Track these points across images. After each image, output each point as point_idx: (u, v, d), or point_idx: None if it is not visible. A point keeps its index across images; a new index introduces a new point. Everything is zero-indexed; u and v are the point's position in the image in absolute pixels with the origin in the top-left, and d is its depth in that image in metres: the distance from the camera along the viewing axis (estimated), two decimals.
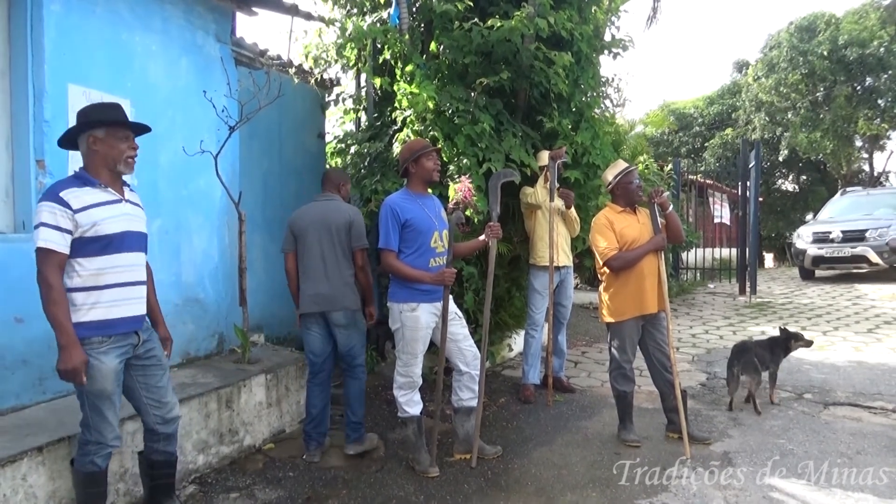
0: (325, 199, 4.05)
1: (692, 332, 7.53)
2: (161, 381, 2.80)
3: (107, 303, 2.55)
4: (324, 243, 3.83)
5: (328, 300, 3.79)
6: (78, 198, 2.49)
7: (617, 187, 4.11)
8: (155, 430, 2.81)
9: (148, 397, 2.76)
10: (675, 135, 28.14)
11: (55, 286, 2.43)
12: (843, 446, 3.90)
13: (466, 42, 4.96)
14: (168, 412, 2.82)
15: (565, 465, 3.71)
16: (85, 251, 2.51)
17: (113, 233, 2.56)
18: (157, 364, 2.79)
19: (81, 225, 2.47)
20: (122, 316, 2.60)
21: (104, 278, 2.55)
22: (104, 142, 2.60)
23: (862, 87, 23.41)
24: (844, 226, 11.20)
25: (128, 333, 2.64)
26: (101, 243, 2.53)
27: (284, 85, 5.76)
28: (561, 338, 5.22)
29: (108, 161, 2.61)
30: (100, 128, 2.60)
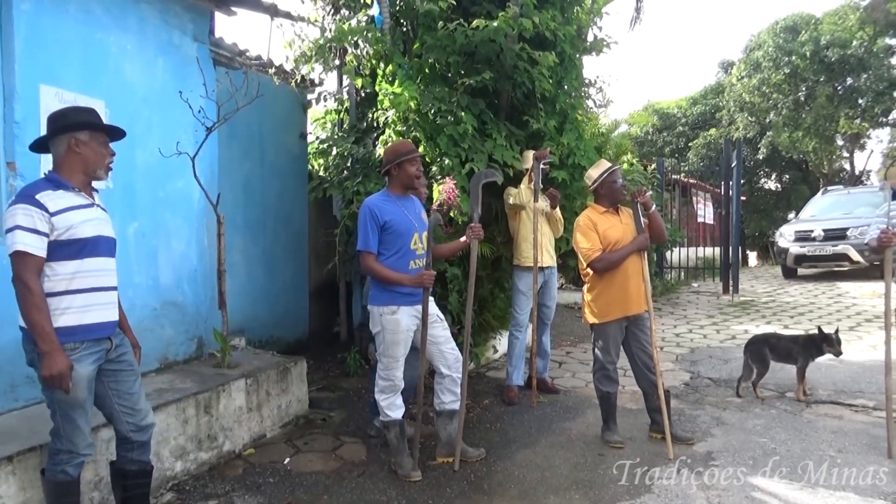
0: None
1: (676, 332, 7.55)
2: (133, 388, 2.73)
3: (79, 308, 2.49)
4: None
5: None
6: (53, 201, 2.44)
7: (601, 187, 4.09)
8: (128, 437, 2.73)
9: (120, 404, 2.69)
10: (658, 135, 28.32)
11: (35, 291, 2.37)
12: (825, 445, 3.91)
13: (450, 42, 4.93)
14: (142, 419, 2.75)
15: (549, 466, 3.69)
16: (59, 255, 2.45)
17: (87, 237, 2.51)
18: (130, 370, 2.72)
19: (57, 228, 2.42)
20: (96, 321, 2.54)
21: (77, 282, 2.49)
22: (87, 145, 2.56)
23: (843, 87, 23.68)
24: (826, 224, 11.30)
25: (101, 339, 2.58)
26: (75, 247, 2.48)
27: (265, 85, 5.71)
28: (545, 339, 5.20)
29: (87, 165, 2.58)
30: (83, 131, 2.56)
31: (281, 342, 6.11)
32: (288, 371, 4.39)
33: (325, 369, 5.75)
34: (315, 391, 5.03)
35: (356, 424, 4.39)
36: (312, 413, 4.56)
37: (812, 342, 4.89)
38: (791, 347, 4.90)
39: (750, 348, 5.01)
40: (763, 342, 5.00)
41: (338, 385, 5.27)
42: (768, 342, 4.99)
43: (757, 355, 4.94)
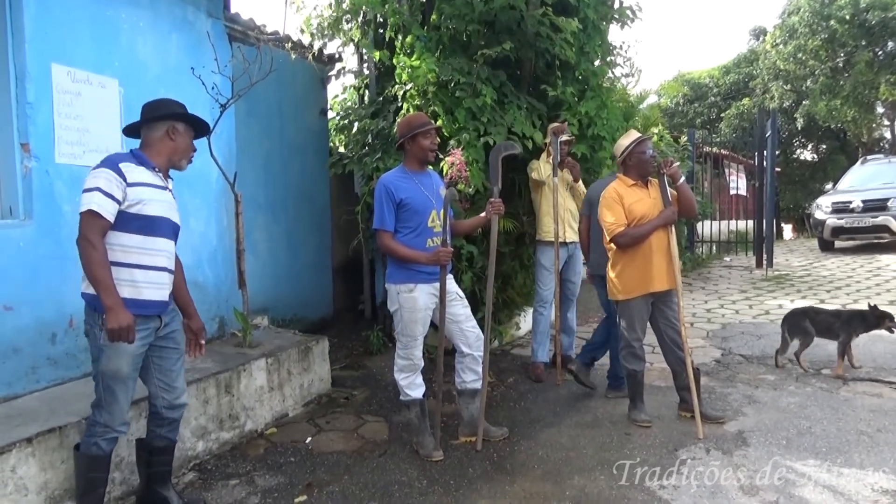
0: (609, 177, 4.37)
1: (707, 307, 7.36)
2: (175, 366, 2.80)
3: (140, 283, 2.56)
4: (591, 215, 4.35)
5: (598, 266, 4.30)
6: (132, 172, 2.54)
7: (629, 157, 3.91)
8: (161, 413, 2.79)
9: (160, 379, 2.76)
10: (690, 105, 27.62)
11: (99, 248, 2.43)
12: (862, 424, 3.76)
13: (469, 10, 4.79)
14: (176, 398, 2.81)
15: (574, 446, 3.60)
16: (126, 227, 2.53)
17: (153, 215, 2.60)
18: (175, 347, 2.80)
19: (129, 199, 2.51)
20: (151, 298, 2.61)
21: (137, 257, 2.56)
22: (182, 135, 2.73)
23: (884, 52, 22.72)
24: (865, 195, 10.89)
25: (152, 316, 2.64)
26: (141, 223, 2.56)
27: (283, 62, 5.66)
28: (570, 315, 5.08)
29: (176, 153, 2.73)
30: (182, 122, 2.73)
31: (305, 321, 6.10)
32: (310, 350, 4.36)
33: (349, 347, 5.72)
34: (338, 369, 5.02)
35: (379, 403, 4.36)
36: (335, 392, 4.54)
37: (860, 318, 4.73)
38: (832, 322, 4.78)
39: (788, 321, 4.95)
40: (802, 315, 4.92)
41: (361, 363, 5.24)
42: (808, 315, 4.90)
43: (797, 328, 4.87)
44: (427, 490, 3.13)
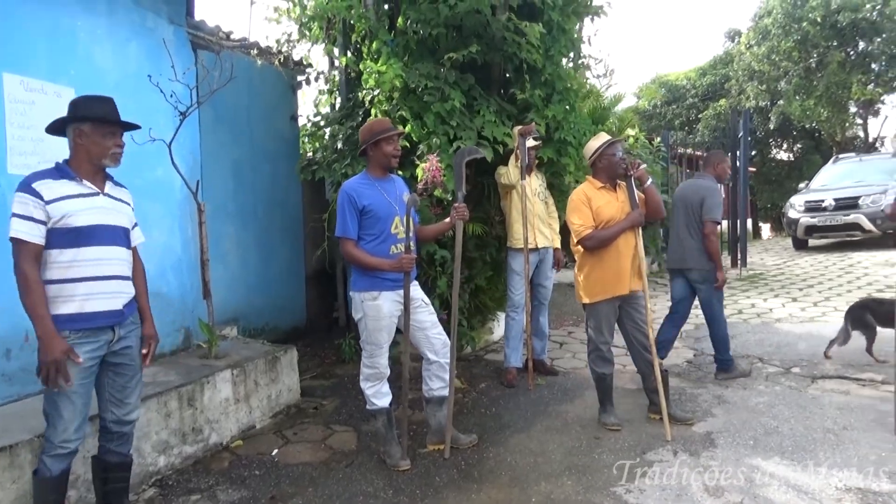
0: (696, 177, 4.97)
1: None
2: (130, 382, 2.73)
3: (80, 296, 2.50)
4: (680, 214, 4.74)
5: (680, 261, 4.73)
6: (50, 189, 2.48)
7: (600, 159, 3.90)
8: (109, 428, 2.72)
9: (112, 394, 2.69)
10: (668, 107, 27.84)
11: (30, 276, 2.40)
12: (829, 422, 3.78)
13: (434, 15, 4.76)
14: (126, 413, 2.74)
15: (542, 452, 3.58)
16: (57, 242, 2.48)
17: (86, 225, 2.53)
18: (130, 364, 2.72)
19: (53, 216, 2.46)
20: (98, 310, 2.54)
21: (75, 271, 2.50)
22: (89, 137, 2.60)
23: (855, 52, 23.09)
24: (837, 193, 11.03)
25: (102, 329, 2.57)
26: (72, 235, 2.50)
27: (252, 68, 5.61)
28: (542, 319, 5.07)
29: (91, 155, 2.62)
30: (86, 122, 2.60)
31: (277, 330, 6.04)
32: (278, 360, 4.30)
33: (321, 356, 5.67)
34: (309, 379, 4.97)
35: (348, 412, 4.31)
36: (304, 402, 4.48)
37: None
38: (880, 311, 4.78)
39: (851, 315, 4.99)
40: (863, 308, 4.95)
41: (332, 372, 5.19)
42: (868, 307, 4.92)
43: (859, 321, 4.89)
44: (392, 500, 3.09)
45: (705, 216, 4.57)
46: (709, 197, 4.60)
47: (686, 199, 4.73)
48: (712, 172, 4.82)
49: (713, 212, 4.57)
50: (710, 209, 4.57)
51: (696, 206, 4.63)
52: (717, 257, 4.64)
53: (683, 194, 4.81)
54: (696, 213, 4.63)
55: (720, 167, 4.84)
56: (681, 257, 4.73)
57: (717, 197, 4.64)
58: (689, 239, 4.66)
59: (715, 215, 4.58)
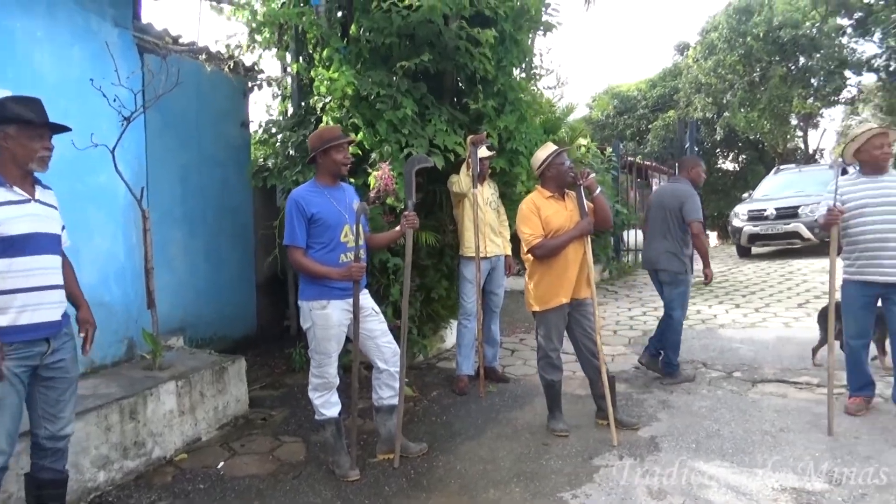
0: (672, 181, 5.22)
1: (630, 315, 7.56)
2: (63, 396, 2.63)
3: (18, 308, 2.41)
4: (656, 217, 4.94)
5: (653, 262, 4.97)
6: None
7: (548, 169, 3.96)
8: (41, 444, 2.63)
9: (45, 410, 2.59)
10: (620, 118, 28.46)
11: None
12: (767, 424, 3.91)
13: (387, 24, 4.77)
14: (60, 429, 2.64)
15: (492, 459, 3.61)
16: None
17: (17, 234, 2.43)
18: (63, 377, 2.63)
19: None
20: (33, 322, 2.45)
21: (11, 282, 2.40)
22: (15, 140, 2.50)
23: (796, 67, 24.04)
24: (778, 203, 11.44)
25: (35, 341, 2.47)
26: (4, 245, 2.39)
27: (200, 72, 5.51)
28: (494, 327, 5.11)
29: (17, 159, 2.51)
30: (11, 125, 2.49)
31: (226, 339, 5.92)
32: (225, 370, 4.22)
33: (272, 366, 5.59)
34: (258, 389, 4.89)
35: (297, 423, 4.26)
36: (253, 413, 4.41)
37: None
38: None
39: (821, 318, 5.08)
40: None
41: (283, 382, 5.12)
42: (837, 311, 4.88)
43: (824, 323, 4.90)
44: None
45: (689, 218, 4.75)
46: (688, 201, 4.78)
47: (664, 203, 4.91)
48: (687, 176, 5.02)
49: (696, 213, 4.76)
50: (692, 211, 4.76)
51: (674, 210, 4.80)
52: (706, 256, 4.92)
53: (661, 199, 5.00)
54: (674, 216, 4.81)
55: (694, 171, 5.04)
56: (654, 258, 4.95)
57: (696, 200, 4.82)
58: (664, 241, 4.85)
59: (698, 216, 4.78)
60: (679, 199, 4.81)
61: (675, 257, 4.82)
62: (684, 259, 4.84)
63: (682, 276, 4.87)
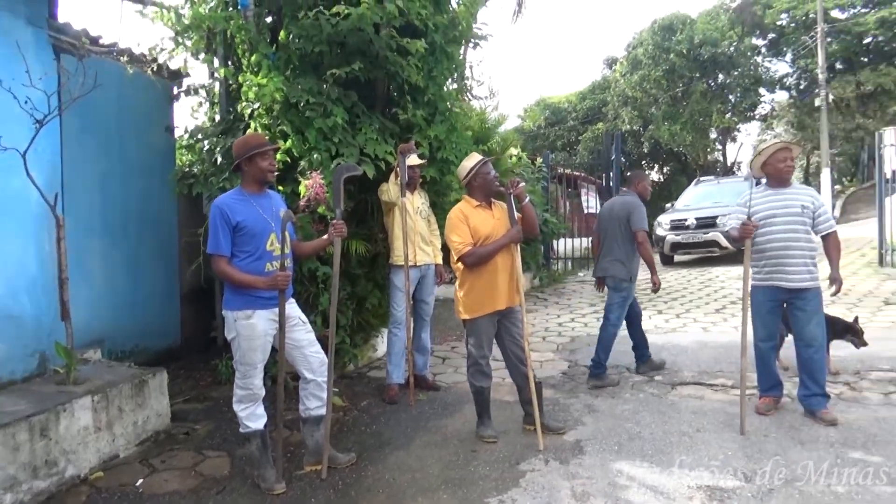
0: (621, 195, 5.45)
1: (559, 321, 7.73)
2: None
3: None
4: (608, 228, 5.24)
5: (604, 269, 5.25)
6: None
7: (474, 178, 4.03)
8: None
9: None
10: (551, 129, 29.14)
11: None
12: (685, 425, 4.08)
13: (317, 31, 4.73)
14: None
15: (421, 467, 3.62)
16: None
17: None
18: None
19: None
20: None
21: None
22: None
23: (715, 84, 25.28)
24: (698, 213, 11.99)
25: None
26: None
27: (121, 75, 5.32)
28: (424, 335, 5.13)
29: None
30: None
31: (148, 352, 5.71)
32: (145, 384, 4.08)
33: (196, 378, 5.43)
34: (181, 403, 4.74)
35: (222, 436, 4.15)
36: (175, 427, 4.26)
37: (830, 324, 4.75)
38: None
39: None
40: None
41: (207, 395, 4.98)
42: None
43: None
44: None
45: (635, 227, 5.05)
46: (634, 211, 5.08)
47: (613, 214, 5.24)
48: (635, 190, 5.32)
49: (642, 222, 5.08)
50: (638, 221, 5.06)
51: (622, 221, 5.12)
52: (651, 263, 5.17)
53: (611, 210, 5.32)
54: (622, 227, 5.12)
55: (640, 185, 5.36)
56: (605, 266, 5.26)
57: (642, 210, 5.14)
58: (615, 250, 5.16)
59: (644, 225, 5.09)
60: (627, 210, 5.11)
61: (621, 265, 5.12)
62: (630, 267, 5.12)
63: (625, 283, 5.13)
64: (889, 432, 3.78)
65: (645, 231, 5.10)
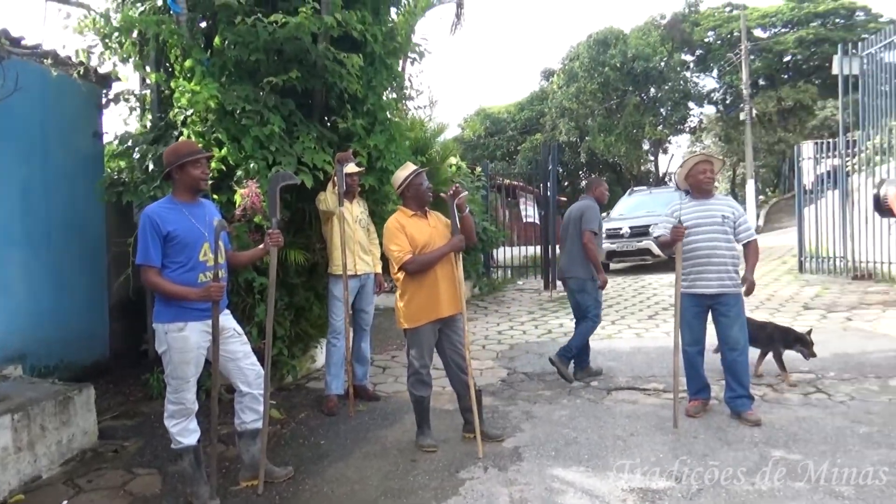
0: (581, 199, 5.76)
1: (499, 329, 7.82)
2: None
3: None
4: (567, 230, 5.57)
5: (565, 270, 5.56)
6: None
7: (407, 189, 4.06)
8: None
9: None
10: (490, 138, 29.52)
11: None
12: (619, 429, 4.19)
13: (253, 38, 4.67)
14: None
15: (360, 479, 3.59)
16: None
17: None
18: None
19: None
20: None
21: None
22: None
23: (647, 97, 26.18)
24: (632, 222, 12.38)
25: None
26: None
27: (45, 78, 5.11)
28: (364, 345, 5.11)
29: None
30: None
31: (75, 366, 5.47)
32: (70, 400, 3.91)
33: (126, 393, 5.23)
34: (110, 419, 4.56)
35: (153, 453, 4.01)
36: (103, 445, 4.10)
37: (781, 334, 5.03)
38: (755, 333, 4.98)
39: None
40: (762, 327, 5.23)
41: (138, 410, 4.80)
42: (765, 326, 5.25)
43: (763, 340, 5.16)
44: None
45: (583, 227, 5.36)
46: (586, 212, 5.42)
47: (572, 218, 5.57)
48: (592, 195, 5.67)
49: (590, 223, 5.36)
50: (587, 221, 5.37)
51: (577, 223, 5.45)
52: (596, 262, 5.41)
53: (570, 214, 5.65)
54: (577, 229, 5.43)
55: (598, 190, 5.71)
56: (564, 268, 5.62)
57: (594, 212, 5.45)
58: (573, 251, 5.48)
59: (592, 226, 5.35)
60: (581, 212, 5.46)
61: (580, 265, 5.41)
62: (588, 268, 5.40)
63: (588, 282, 5.43)
64: (808, 431, 3.99)
65: (591, 231, 5.34)
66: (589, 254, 5.35)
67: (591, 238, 5.35)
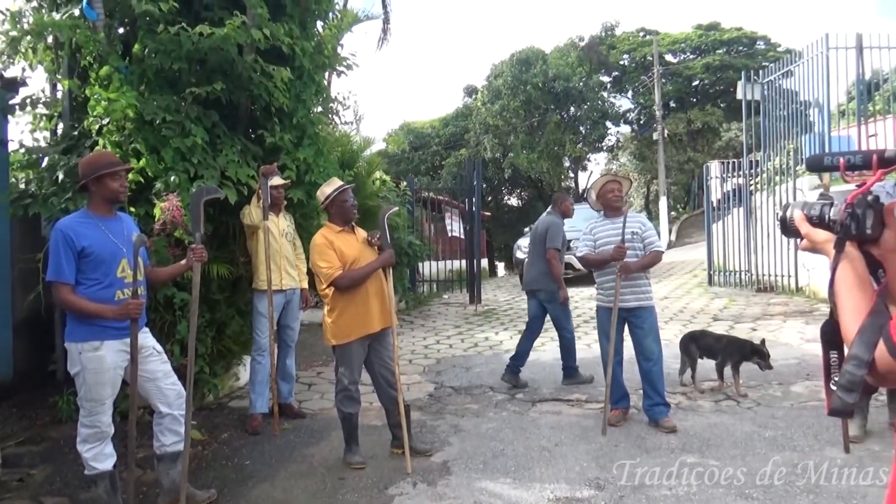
0: (546, 214, 6.01)
1: (425, 344, 7.84)
2: None
3: None
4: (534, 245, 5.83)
5: (532, 283, 5.81)
6: None
7: (332, 205, 4.04)
8: None
9: None
10: (415, 153, 29.63)
11: None
12: (544, 440, 4.30)
13: (175, 47, 4.54)
14: None
15: (286, 499, 3.52)
16: None
17: None
18: None
19: None
20: None
21: None
22: None
23: (568, 115, 27.06)
24: None
25: None
26: None
27: None
28: (289, 361, 5.02)
29: None
30: None
31: None
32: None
33: (32, 417, 4.91)
34: (14, 446, 4.27)
35: (63, 480, 3.79)
36: (7, 473, 3.84)
37: (737, 346, 5.13)
38: (712, 345, 5.22)
39: (681, 345, 5.49)
40: (690, 339, 5.42)
41: (45, 435, 4.51)
42: (694, 338, 5.42)
43: (685, 350, 5.38)
44: None
45: (547, 244, 5.63)
46: (551, 228, 5.68)
47: (538, 233, 5.85)
48: (558, 210, 5.89)
49: (553, 241, 5.62)
50: (551, 238, 5.64)
51: (543, 238, 5.70)
52: (558, 278, 5.62)
53: (536, 229, 5.94)
54: (542, 243, 5.68)
55: (563, 205, 5.93)
56: (531, 280, 5.84)
57: (558, 229, 5.71)
58: (540, 265, 5.71)
59: (555, 244, 5.62)
60: (546, 228, 5.72)
61: (547, 278, 5.65)
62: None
63: (556, 293, 5.63)
64: (719, 437, 4.22)
65: (556, 249, 5.62)
66: (552, 270, 5.60)
67: (554, 255, 5.60)
